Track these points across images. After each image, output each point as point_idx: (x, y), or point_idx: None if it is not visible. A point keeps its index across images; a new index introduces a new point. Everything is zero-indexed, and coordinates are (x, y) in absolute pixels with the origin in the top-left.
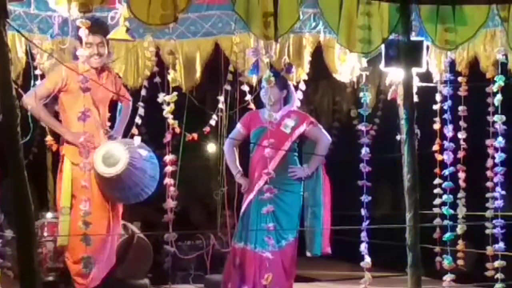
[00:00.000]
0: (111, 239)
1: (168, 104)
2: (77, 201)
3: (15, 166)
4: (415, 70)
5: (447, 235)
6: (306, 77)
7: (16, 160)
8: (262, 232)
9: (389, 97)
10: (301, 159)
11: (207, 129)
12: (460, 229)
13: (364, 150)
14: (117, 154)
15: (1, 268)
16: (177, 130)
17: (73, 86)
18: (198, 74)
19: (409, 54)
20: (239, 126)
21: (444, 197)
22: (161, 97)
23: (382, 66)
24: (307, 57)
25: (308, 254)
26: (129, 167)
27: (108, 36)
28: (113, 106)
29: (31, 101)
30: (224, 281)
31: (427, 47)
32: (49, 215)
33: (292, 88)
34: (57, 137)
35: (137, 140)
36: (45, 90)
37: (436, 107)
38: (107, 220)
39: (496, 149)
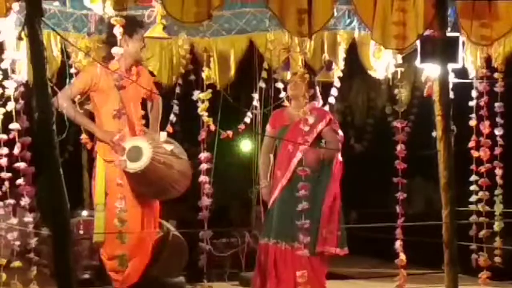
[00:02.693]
0: (146, 235)
1: (203, 101)
2: (110, 198)
3: (51, 164)
4: (451, 66)
5: (483, 232)
6: (340, 74)
7: (51, 158)
8: (284, 228)
9: (424, 94)
10: None
11: (241, 126)
12: (497, 226)
13: (400, 147)
14: (140, 149)
15: (37, 266)
16: (212, 127)
17: (103, 85)
18: (232, 71)
19: (444, 50)
20: (268, 128)
21: (480, 193)
22: (196, 94)
23: (417, 62)
24: (341, 54)
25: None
26: (153, 162)
27: (145, 34)
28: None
29: (64, 101)
30: (254, 277)
31: (463, 43)
32: (84, 213)
33: (318, 90)
34: (91, 135)
35: (163, 135)
36: (76, 90)
37: (472, 103)
38: (141, 217)
39: None
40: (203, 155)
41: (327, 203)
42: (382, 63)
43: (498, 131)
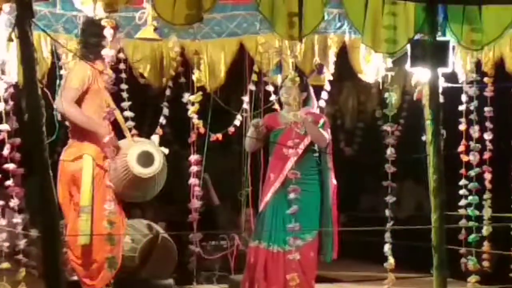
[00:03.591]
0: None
1: (193, 104)
2: (99, 201)
3: (40, 165)
4: (441, 71)
5: (472, 237)
6: (331, 78)
7: (41, 160)
8: (276, 231)
9: (414, 98)
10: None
11: (231, 129)
12: (485, 230)
13: (389, 151)
14: (151, 154)
15: (26, 267)
16: (202, 130)
17: (94, 86)
18: (222, 74)
19: (435, 54)
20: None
21: (470, 198)
22: (186, 97)
23: (407, 66)
24: (332, 58)
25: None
26: (162, 166)
27: (136, 36)
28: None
29: (70, 105)
30: (243, 280)
31: (453, 47)
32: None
33: (312, 92)
34: None
35: (156, 138)
36: (75, 92)
37: (462, 107)
38: (118, 219)
39: None
40: (193, 157)
41: (333, 209)
42: (372, 66)
43: (487, 136)
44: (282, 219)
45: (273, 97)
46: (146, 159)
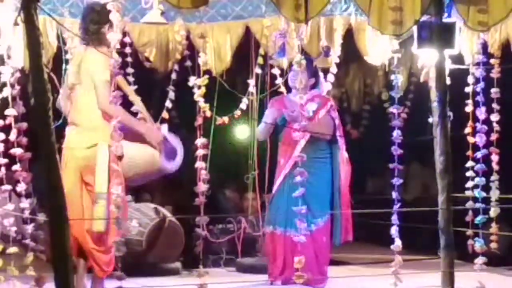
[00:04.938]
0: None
1: (199, 87)
2: (112, 185)
3: (47, 150)
4: (447, 52)
5: (479, 218)
6: (337, 60)
7: (48, 144)
8: (291, 216)
9: (421, 80)
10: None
11: (237, 112)
12: (493, 212)
13: (396, 133)
14: (175, 149)
15: (34, 252)
16: (208, 113)
17: None
18: (228, 57)
19: (441, 35)
20: (272, 109)
21: (477, 179)
22: (192, 80)
23: (414, 48)
24: (338, 40)
25: None
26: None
27: (142, 20)
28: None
29: (111, 106)
30: (270, 268)
31: (460, 29)
32: None
33: (321, 78)
34: None
35: (165, 127)
36: (109, 86)
37: (468, 89)
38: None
39: None
40: (199, 141)
41: (344, 192)
42: (378, 49)
43: (494, 117)
44: (294, 203)
45: (279, 80)
46: (171, 153)
